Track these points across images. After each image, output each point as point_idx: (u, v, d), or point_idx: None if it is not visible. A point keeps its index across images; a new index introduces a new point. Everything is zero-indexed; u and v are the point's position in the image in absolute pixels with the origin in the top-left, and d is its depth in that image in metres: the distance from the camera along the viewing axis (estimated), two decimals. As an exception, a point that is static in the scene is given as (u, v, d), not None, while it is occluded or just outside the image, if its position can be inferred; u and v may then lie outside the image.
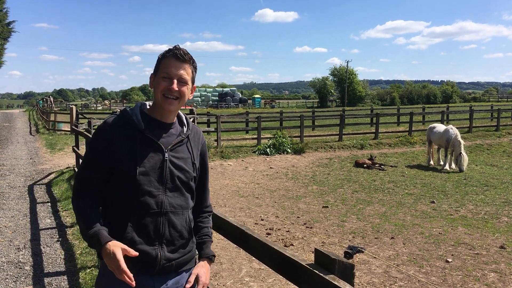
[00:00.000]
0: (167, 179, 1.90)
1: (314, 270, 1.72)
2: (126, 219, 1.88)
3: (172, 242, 1.93)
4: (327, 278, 1.65)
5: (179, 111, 2.06)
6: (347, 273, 1.69)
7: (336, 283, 1.60)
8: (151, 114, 1.97)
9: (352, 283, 1.66)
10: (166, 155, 1.91)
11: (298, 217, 7.97)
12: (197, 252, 2.14)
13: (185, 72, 1.91)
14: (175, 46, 1.94)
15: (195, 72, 2.00)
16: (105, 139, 1.90)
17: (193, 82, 1.99)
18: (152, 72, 1.98)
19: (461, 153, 13.08)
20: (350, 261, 1.73)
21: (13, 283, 4.72)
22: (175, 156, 1.94)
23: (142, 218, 1.86)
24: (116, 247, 1.76)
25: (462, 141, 13.31)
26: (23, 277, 4.88)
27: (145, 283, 1.92)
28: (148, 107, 2.02)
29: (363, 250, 6.13)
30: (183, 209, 1.97)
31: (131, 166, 1.85)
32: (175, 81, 1.89)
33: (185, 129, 2.03)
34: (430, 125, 15.36)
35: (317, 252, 1.79)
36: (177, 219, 1.94)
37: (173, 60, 1.89)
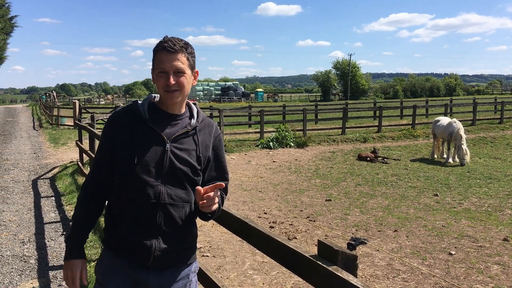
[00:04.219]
0: (167, 170, 1.88)
1: (317, 262, 1.72)
2: (123, 208, 1.90)
3: (169, 234, 1.90)
4: (330, 269, 1.65)
5: (191, 103, 2.05)
6: (350, 264, 1.69)
7: (339, 274, 1.61)
8: (159, 106, 1.98)
9: (355, 274, 1.66)
10: (168, 145, 1.89)
11: (301, 211, 7.98)
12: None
13: (180, 62, 1.87)
14: (164, 37, 1.90)
15: (193, 56, 1.94)
16: (111, 128, 1.97)
17: (193, 68, 1.95)
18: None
19: (461, 146, 13.01)
20: (353, 252, 1.73)
21: (18, 276, 4.76)
22: (178, 147, 1.91)
23: (139, 208, 1.86)
24: (76, 269, 1.96)
25: (464, 135, 13.23)
26: (28, 271, 4.91)
27: (140, 276, 1.91)
28: (157, 99, 2.03)
29: (366, 241, 6.14)
30: (183, 202, 1.92)
31: (129, 155, 1.87)
32: (171, 75, 1.86)
33: (193, 121, 1.98)
34: (435, 119, 15.30)
35: (320, 244, 1.79)
36: (176, 212, 1.90)
37: (164, 53, 1.86)
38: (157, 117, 1.94)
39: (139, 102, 2.00)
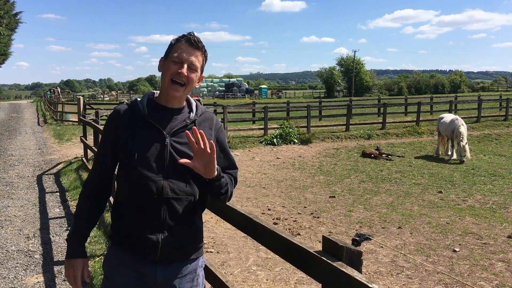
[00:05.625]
0: (168, 165, 1.88)
1: (322, 257, 1.72)
2: (128, 203, 1.91)
3: (174, 228, 1.91)
4: (334, 264, 1.64)
5: (190, 97, 2.05)
6: (355, 260, 1.69)
7: (343, 269, 1.60)
8: (158, 101, 1.98)
9: (360, 270, 1.66)
10: (167, 140, 1.89)
11: (305, 207, 7.98)
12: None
13: (196, 59, 1.90)
14: (189, 32, 1.93)
15: (205, 61, 1.98)
16: (112, 126, 1.98)
17: (202, 71, 1.97)
18: (162, 56, 1.98)
19: (460, 143, 12.95)
20: (358, 248, 1.72)
21: (23, 271, 4.79)
22: (178, 141, 1.91)
23: (143, 203, 1.87)
24: (77, 269, 1.96)
25: (464, 132, 13.14)
26: (33, 266, 4.94)
27: (146, 270, 1.92)
28: (156, 95, 2.03)
29: (370, 237, 6.14)
30: (187, 195, 1.92)
31: (130, 151, 1.88)
32: (186, 65, 1.87)
33: (192, 114, 1.98)
34: (440, 116, 15.25)
35: (324, 240, 1.79)
36: (180, 205, 1.90)
37: (186, 45, 1.88)
38: (157, 112, 1.94)
39: (138, 99, 2.01)
